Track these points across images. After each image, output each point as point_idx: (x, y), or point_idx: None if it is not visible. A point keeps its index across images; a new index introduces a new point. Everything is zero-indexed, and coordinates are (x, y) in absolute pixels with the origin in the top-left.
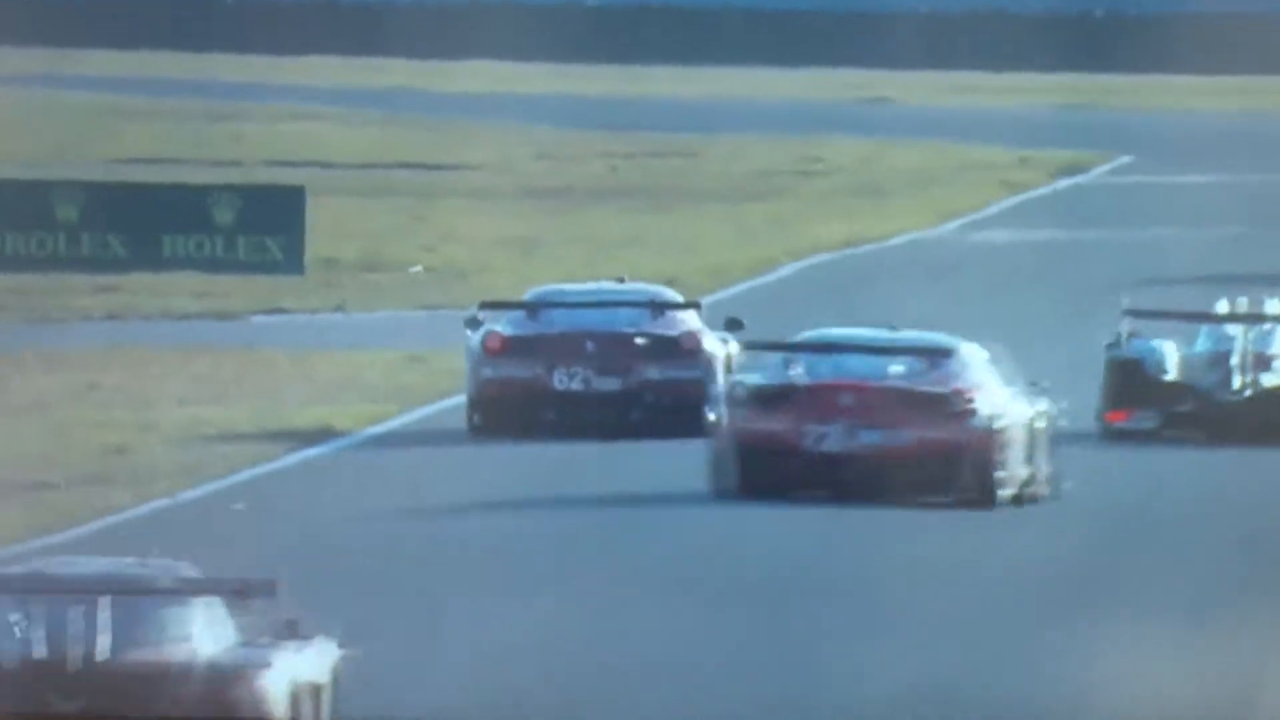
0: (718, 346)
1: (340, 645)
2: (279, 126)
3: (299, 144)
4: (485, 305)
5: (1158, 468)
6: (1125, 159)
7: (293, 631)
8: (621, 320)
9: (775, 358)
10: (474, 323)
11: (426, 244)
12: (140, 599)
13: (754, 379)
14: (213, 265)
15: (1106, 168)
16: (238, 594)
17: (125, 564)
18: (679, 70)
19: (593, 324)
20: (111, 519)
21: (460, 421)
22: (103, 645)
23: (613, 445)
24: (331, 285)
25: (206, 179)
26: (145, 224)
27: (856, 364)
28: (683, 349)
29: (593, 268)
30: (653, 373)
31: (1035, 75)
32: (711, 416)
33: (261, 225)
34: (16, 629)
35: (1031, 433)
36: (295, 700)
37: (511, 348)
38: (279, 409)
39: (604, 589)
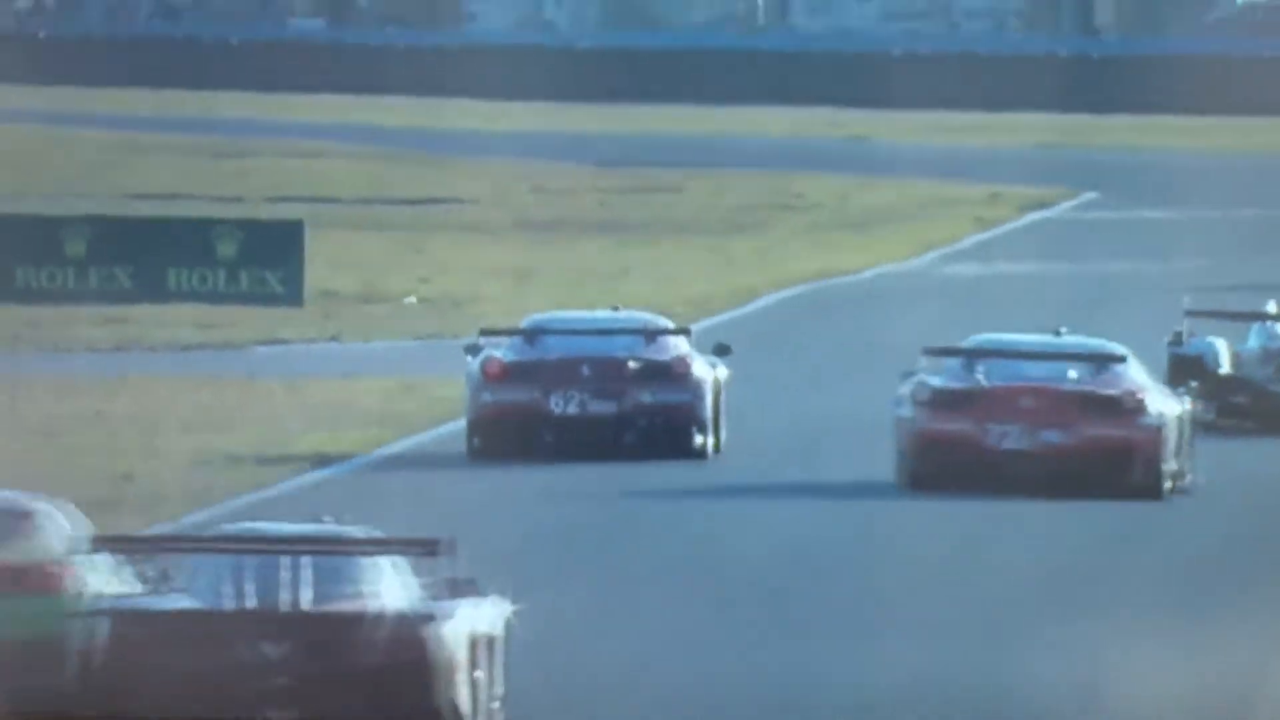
0: (707, 371)
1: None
2: (280, 162)
3: (299, 179)
4: (485, 332)
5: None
6: (1090, 195)
7: (470, 589)
8: (616, 346)
9: (954, 362)
10: (474, 349)
11: (422, 275)
12: (337, 556)
13: (938, 381)
14: (215, 297)
15: (1072, 203)
16: (422, 552)
17: (324, 525)
18: (666, 109)
19: (588, 350)
20: None
21: (453, 446)
22: (306, 596)
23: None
24: (330, 316)
25: (210, 214)
26: (151, 258)
27: (1033, 368)
28: (674, 373)
29: (583, 297)
30: (645, 396)
31: (1005, 115)
32: (899, 414)
33: (262, 258)
34: (232, 580)
35: (1180, 429)
36: (473, 649)
37: (510, 373)
38: (279, 435)
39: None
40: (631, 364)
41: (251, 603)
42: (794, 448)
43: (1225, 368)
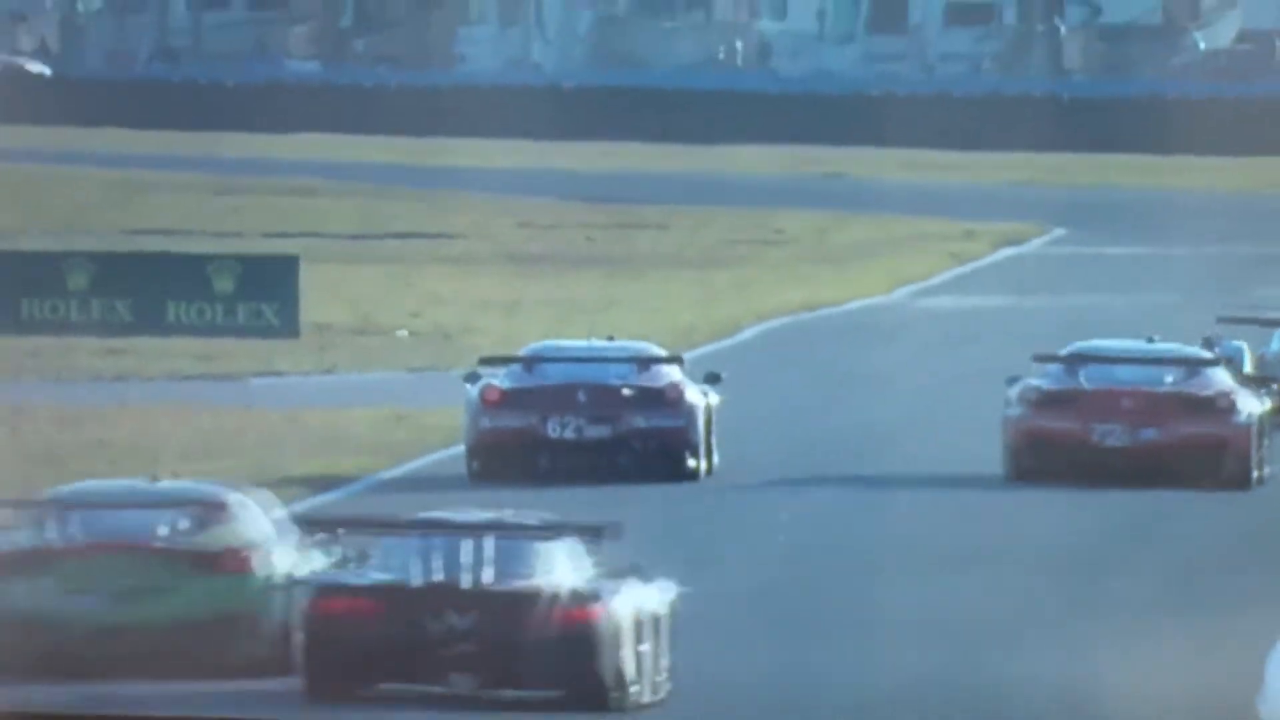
0: (699, 397)
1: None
2: (276, 199)
3: (294, 216)
4: (484, 360)
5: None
6: (1060, 231)
7: (637, 571)
8: (610, 374)
9: (1055, 367)
10: (473, 377)
11: (413, 309)
12: (516, 538)
13: (1045, 384)
14: (213, 330)
15: (1043, 240)
16: (591, 536)
17: (502, 512)
18: (650, 147)
19: (584, 377)
20: None
21: (447, 471)
22: (488, 574)
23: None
24: (324, 348)
25: (208, 249)
26: (150, 291)
27: (1131, 372)
28: (667, 400)
29: (570, 329)
30: (639, 422)
31: (979, 154)
32: (1007, 414)
33: (258, 292)
34: (420, 559)
35: (1262, 426)
36: (639, 626)
37: (508, 400)
38: (275, 463)
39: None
40: (626, 391)
41: (439, 579)
42: (787, 467)
43: (1248, 368)
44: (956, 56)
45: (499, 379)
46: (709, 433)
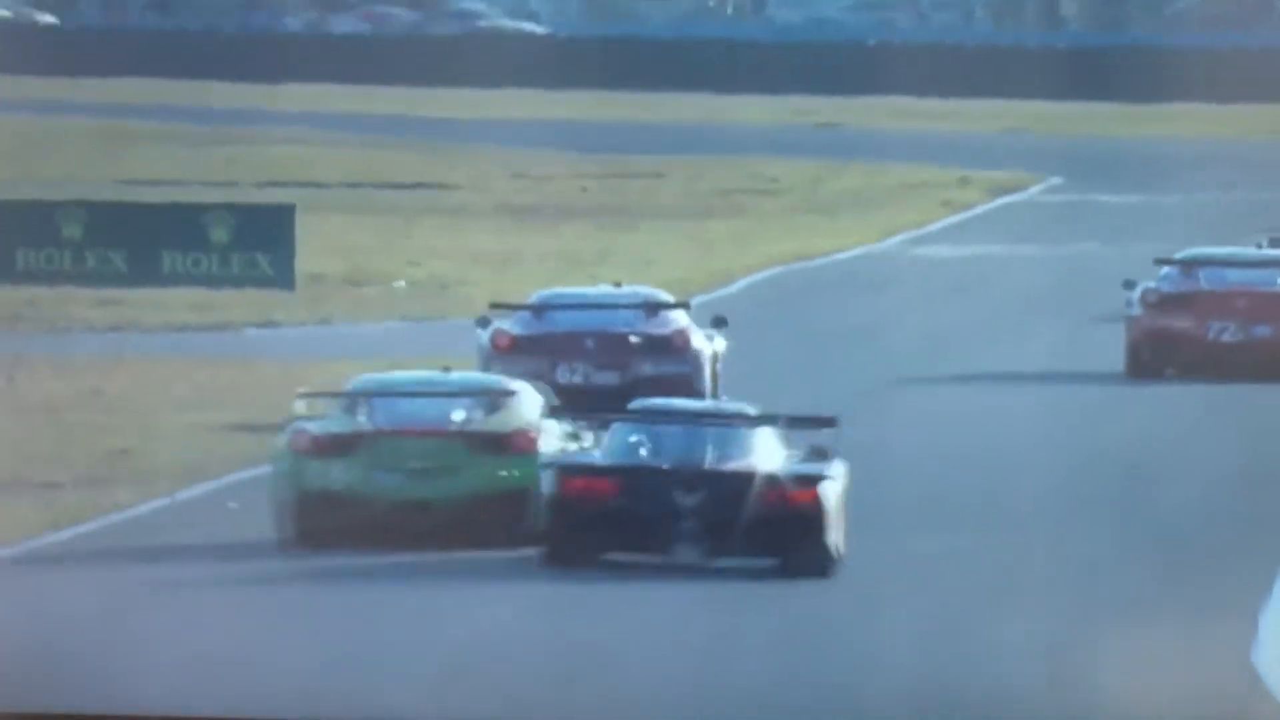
0: (705, 343)
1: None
2: (271, 149)
3: (290, 166)
4: (494, 306)
5: None
6: (1056, 180)
7: (824, 454)
8: (618, 320)
9: (1173, 270)
10: (484, 322)
11: (410, 259)
12: (732, 425)
13: (1163, 286)
14: (209, 280)
15: (1039, 188)
16: (818, 425)
17: (721, 403)
18: (645, 96)
19: (592, 324)
20: (115, 517)
21: None
22: (711, 457)
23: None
24: (319, 299)
25: (203, 199)
26: (145, 241)
27: (1243, 274)
28: (674, 346)
29: (564, 280)
30: (647, 368)
31: (974, 101)
32: (1129, 314)
33: (254, 242)
34: (651, 444)
35: None
36: (839, 502)
37: (518, 345)
38: (271, 415)
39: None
40: (633, 337)
41: (668, 463)
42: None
43: None
44: (951, 5)
45: (509, 324)
46: (715, 378)
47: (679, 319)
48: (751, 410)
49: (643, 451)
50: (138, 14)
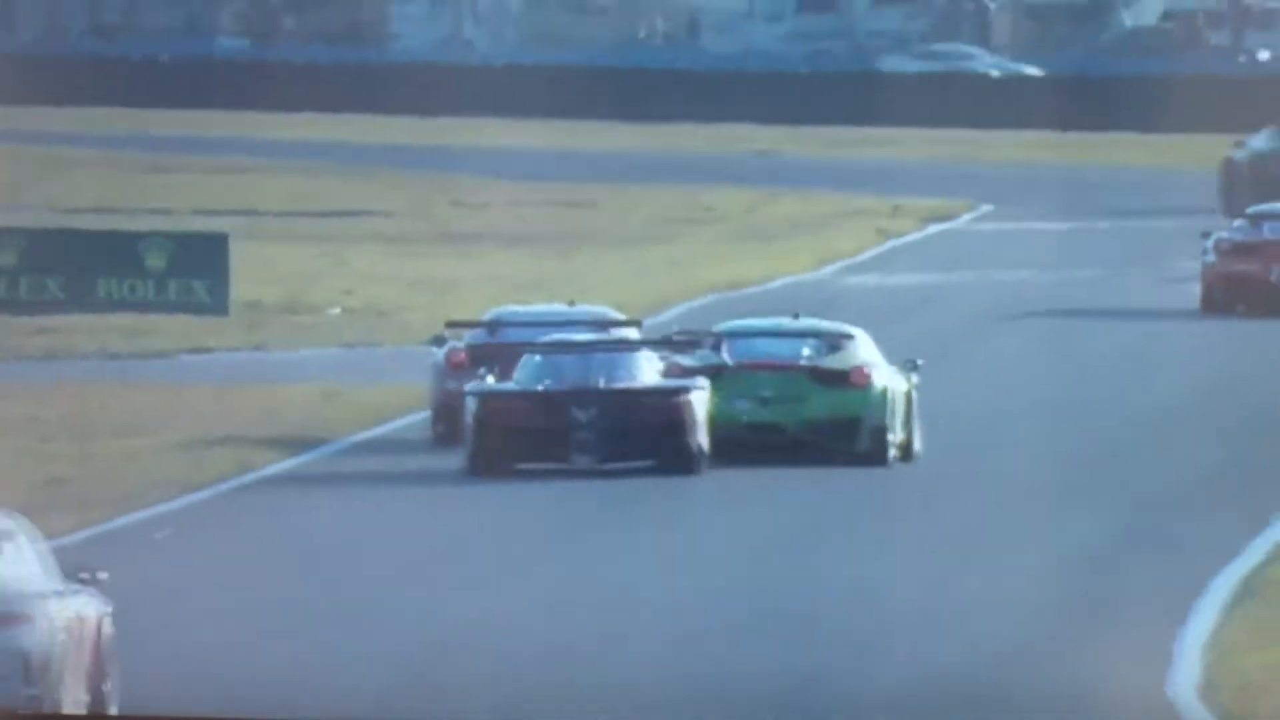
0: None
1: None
2: (207, 177)
3: (227, 193)
4: (450, 324)
5: None
6: (987, 207)
7: (690, 373)
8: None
9: (1242, 222)
10: (439, 340)
11: (345, 287)
12: (618, 353)
13: (1233, 236)
14: (144, 306)
15: (970, 215)
16: (689, 346)
17: (608, 334)
18: (582, 125)
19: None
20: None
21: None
22: (602, 379)
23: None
24: (255, 326)
25: (140, 226)
26: (81, 268)
27: None
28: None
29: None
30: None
31: (906, 130)
32: (1204, 260)
33: (189, 269)
34: (545, 377)
35: None
36: (703, 410)
37: (474, 362)
38: (206, 441)
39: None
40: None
41: (564, 385)
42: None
43: None
44: (886, 34)
45: (464, 342)
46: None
47: (630, 336)
48: (635, 334)
49: (546, 378)
50: (76, 40)
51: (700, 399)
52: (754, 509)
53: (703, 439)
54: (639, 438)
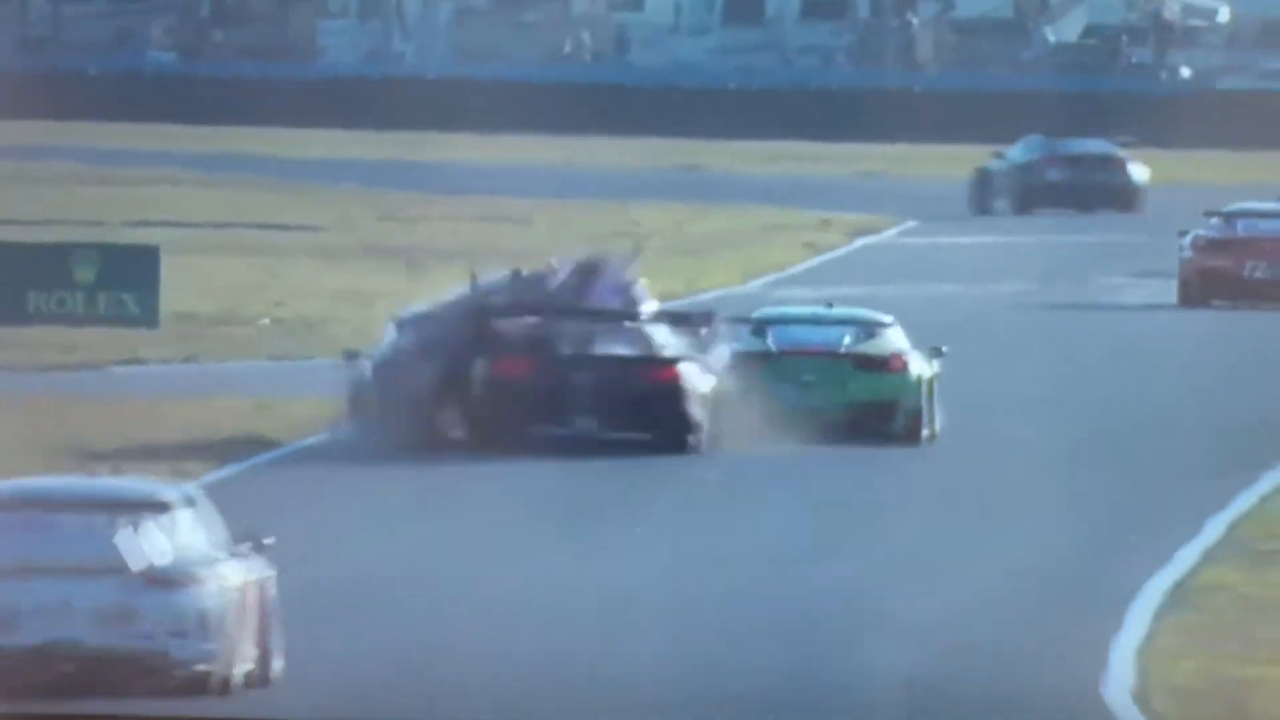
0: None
1: None
2: (138, 190)
3: (156, 206)
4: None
5: None
6: (912, 223)
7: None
8: None
9: (1217, 220)
10: (352, 355)
11: (277, 299)
12: (619, 322)
13: (1209, 233)
14: (74, 319)
15: (896, 230)
16: (701, 323)
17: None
18: (511, 138)
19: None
20: None
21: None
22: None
23: None
24: (187, 338)
25: (69, 238)
26: (10, 281)
27: (1274, 225)
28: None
29: None
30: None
31: (835, 144)
32: (1182, 256)
33: (120, 282)
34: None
35: None
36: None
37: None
38: (138, 452)
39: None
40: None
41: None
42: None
43: None
44: (812, 49)
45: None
46: None
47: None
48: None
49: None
50: (7, 54)
51: (692, 369)
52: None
53: (700, 412)
54: (635, 405)
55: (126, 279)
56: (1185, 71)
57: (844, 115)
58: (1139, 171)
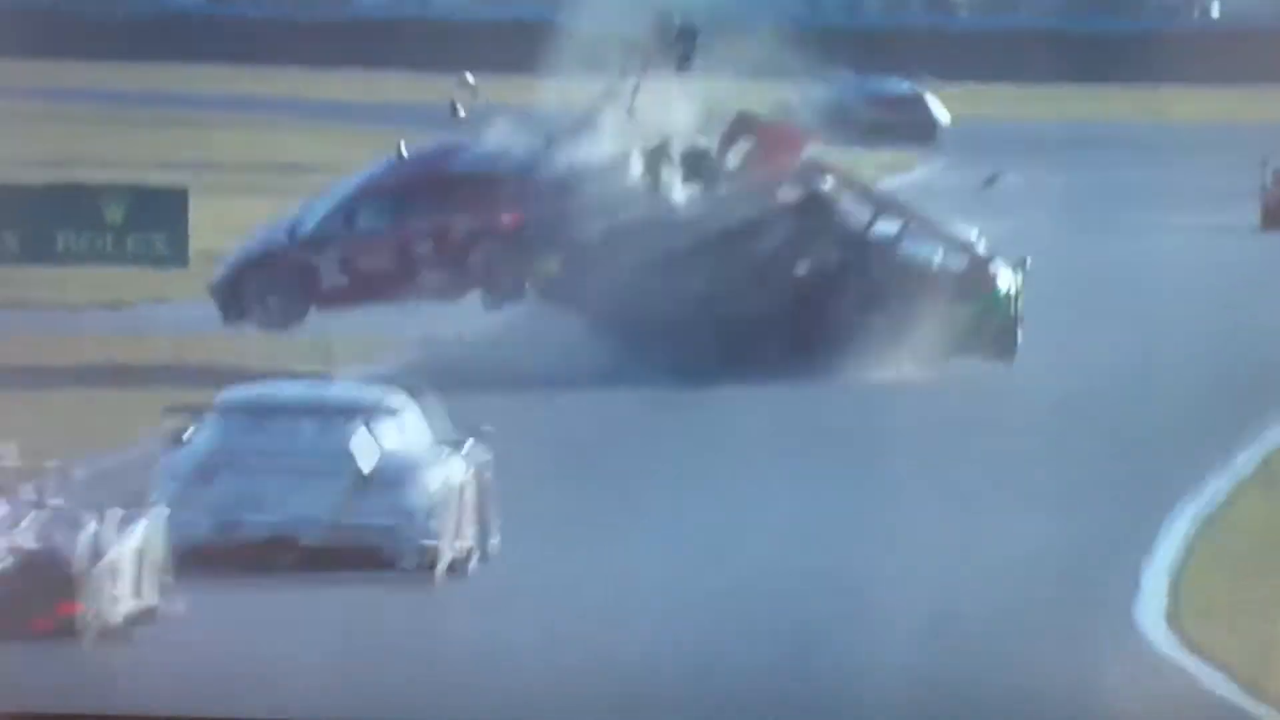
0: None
1: None
2: (165, 131)
3: (184, 147)
4: None
5: None
6: (942, 161)
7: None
8: None
9: None
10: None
11: None
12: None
13: None
14: (103, 258)
15: (927, 168)
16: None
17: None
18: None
19: None
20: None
21: None
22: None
23: None
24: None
25: (98, 179)
26: (40, 221)
27: None
28: None
29: None
30: None
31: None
32: (1265, 183)
33: (148, 223)
34: None
35: None
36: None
37: None
38: (165, 388)
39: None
40: None
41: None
42: None
43: None
44: None
45: None
46: None
47: None
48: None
49: None
50: None
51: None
52: None
53: None
54: None
55: (156, 220)
56: (1215, 10)
57: (874, 54)
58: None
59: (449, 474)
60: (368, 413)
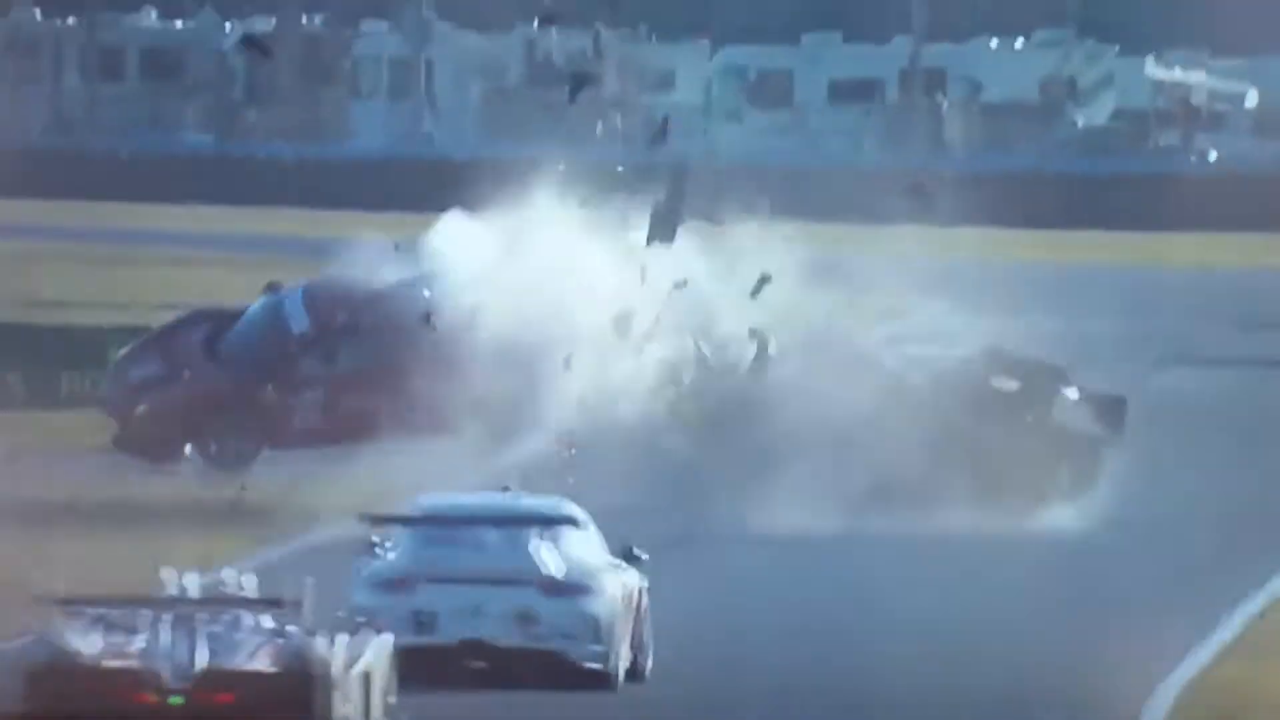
0: None
1: None
2: (171, 270)
3: (189, 286)
4: None
5: None
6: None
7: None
8: None
9: None
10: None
11: None
12: None
13: None
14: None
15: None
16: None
17: None
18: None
19: None
20: None
21: None
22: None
23: None
24: None
25: (103, 320)
26: (45, 362)
27: None
28: None
29: None
30: None
31: (866, 228)
32: None
33: None
34: None
35: None
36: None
37: None
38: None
39: None
40: None
41: None
42: None
43: None
44: (842, 131)
45: None
46: None
47: None
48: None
49: None
50: (40, 135)
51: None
52: None
53: None
54: None
55: None
56: (1213, 155)
57: (873, 197)
58: None
59: (626, 586)
60: (552, 523)
